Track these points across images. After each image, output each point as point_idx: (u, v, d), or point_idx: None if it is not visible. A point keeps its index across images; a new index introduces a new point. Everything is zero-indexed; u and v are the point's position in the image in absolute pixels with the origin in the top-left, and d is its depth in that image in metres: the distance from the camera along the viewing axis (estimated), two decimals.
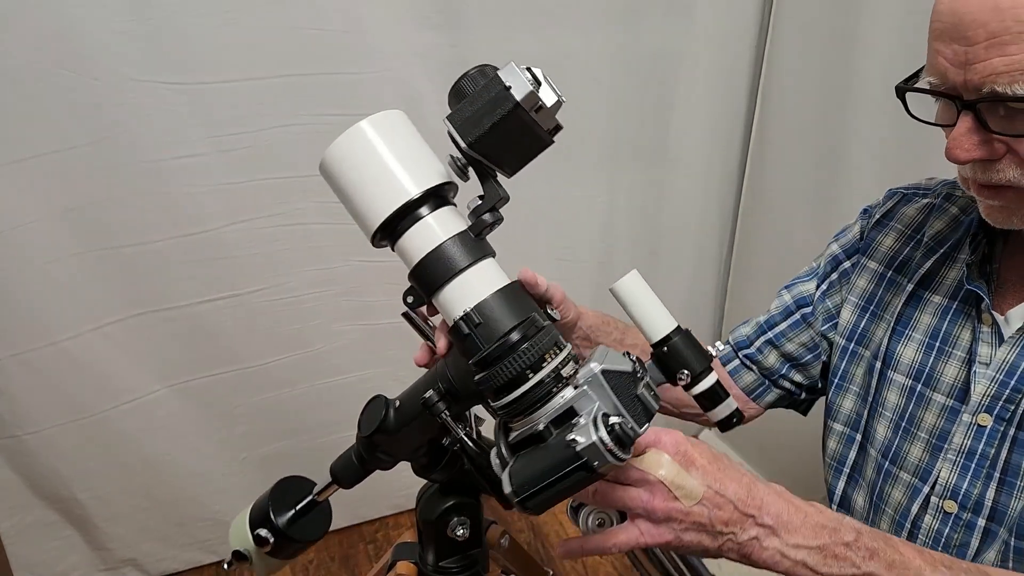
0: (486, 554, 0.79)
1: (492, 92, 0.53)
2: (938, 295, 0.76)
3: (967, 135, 0.59)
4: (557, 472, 0.44)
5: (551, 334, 0.52)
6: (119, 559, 1.62)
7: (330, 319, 1.56)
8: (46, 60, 1.17)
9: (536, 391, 0.49)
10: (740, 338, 0.94)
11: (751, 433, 1.91)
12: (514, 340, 0.50)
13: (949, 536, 0.73)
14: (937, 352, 0.75)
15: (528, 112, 0.53)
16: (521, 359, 0.50)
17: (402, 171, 0.58)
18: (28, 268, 1.29)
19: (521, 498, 0.45)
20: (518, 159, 0.57)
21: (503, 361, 0.50)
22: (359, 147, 0.59)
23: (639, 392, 0.50)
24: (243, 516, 0.76)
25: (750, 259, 1.88)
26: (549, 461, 0.45)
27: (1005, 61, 0.54)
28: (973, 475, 0.71)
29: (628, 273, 0.60)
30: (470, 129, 0.54)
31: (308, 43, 1.30)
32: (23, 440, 1.42)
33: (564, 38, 1.48)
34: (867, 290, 0.83)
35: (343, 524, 1.83)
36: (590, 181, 1.66)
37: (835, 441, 0.88)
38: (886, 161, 1.39)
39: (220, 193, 1.36)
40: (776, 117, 1.68)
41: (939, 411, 0.74)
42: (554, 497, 0.45)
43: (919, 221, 0.81)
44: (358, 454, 0.72)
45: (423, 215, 0.57)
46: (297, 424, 1.65)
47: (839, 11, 1.43)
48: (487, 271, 0.58)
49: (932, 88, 0.62)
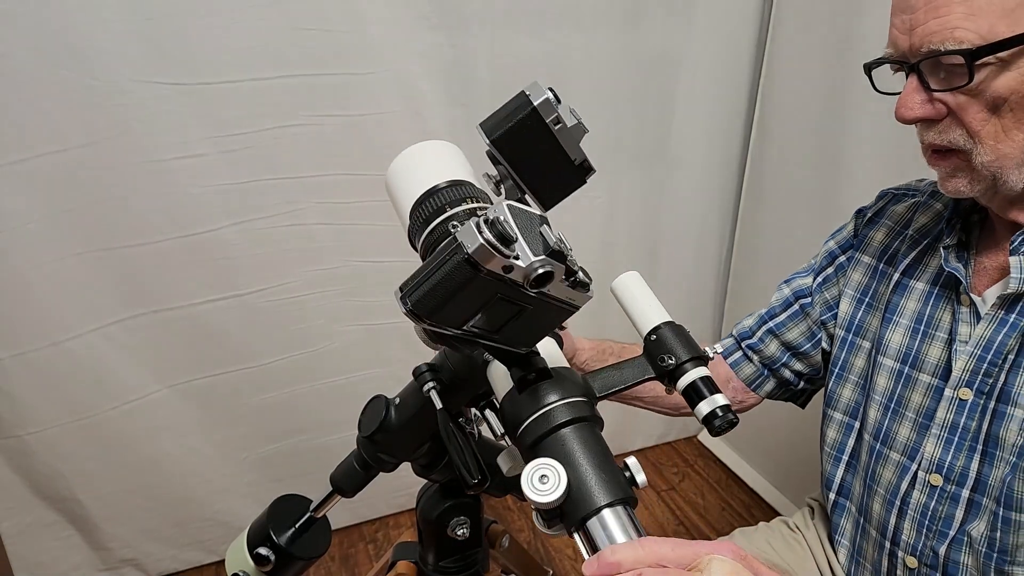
0: (486, 554, 0.79)
1: (516, 102, 0.55)
2: (921, 282, 0.81)
3: (911, 94, 0.66)
4: (439, 265, 0.43)
5: (479, 191, 0.56)
6: (119, 559, 1.62)
7: (330, 319, 1.56)
8: (46, 60, 1.17)
9: (448, 223, 0.53)
10: (743, 329, 0.99)
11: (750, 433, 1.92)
12: (441, 186, 0.54)
13: (935, 509, 0.77)
14: (922, 335, 0.79)
15: (546, 121, 0.54)
16: (441, 196, 0.54)
17: (442, 165, 0.62)
18: (28, 268, 1.30)
19: (406, 293, 0.43)
20: (547, 185, 0.59)
21: (428, 199, 0.54)
22: (416, 156, 0.64)
23: (541, 228, 0.49)
24: (240, 539, 0.75)
25: (750, 259, 1.89)
26: (436, 259, 0.43)
27: (939, 22, 0.61)
28: (956, 448, 0.74)
29: (628, 272, 0.61)
30: (494, 128, 0.56)
31: (309, 43, 1.30)
32: (24, 440, 1.42)
33: (564, 38, 1.48)
34: (861, 282, 0.88)
35: (343, 524, 1.83)
36: (590, 181, 1.65)
37: (834, 430, 0.91)
38: (886, 161, 1.39)
39: (220, 193, 1.36)
40: (776, 117, 1.69)
41: (925, 390, 0.78)
42: (437, 292, 0.43)
43: (907, 217, 0.86)
44: (359, 458, 0.72)
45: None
46: (298, 424, 1.65)
47: (839, 11, 1.43)
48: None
49: (887, 58, 0.69)
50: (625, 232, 1.78)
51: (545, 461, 0.46)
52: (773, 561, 0.99)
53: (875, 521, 0.84)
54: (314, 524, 0.75)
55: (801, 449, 1.77)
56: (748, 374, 0.98)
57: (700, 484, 2.02)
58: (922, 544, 0.78)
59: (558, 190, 0.59)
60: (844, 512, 0.91)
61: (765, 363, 0.97)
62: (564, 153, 0.57)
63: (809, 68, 1.54)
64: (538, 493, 0.45)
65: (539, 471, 0.46)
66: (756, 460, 1.98)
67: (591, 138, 0.58)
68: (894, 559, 0.81)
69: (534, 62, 1.47)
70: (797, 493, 1.82)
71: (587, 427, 0.51)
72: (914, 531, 0.79)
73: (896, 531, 0.80)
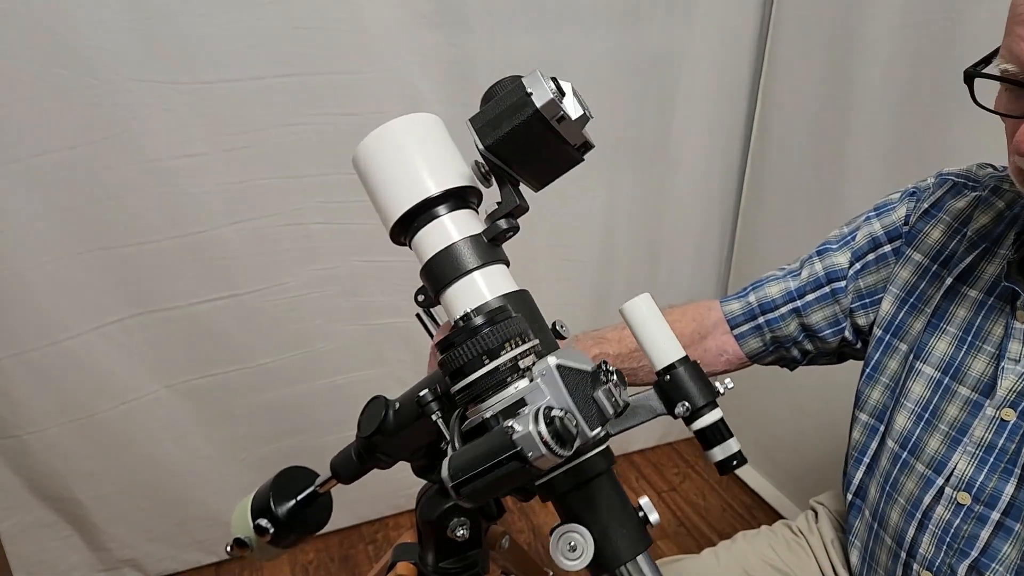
0: (486, 555, 0.79)
1: (514, 97, 0.52)
2: (975, 289, 0.75)
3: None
4: (491, 459, 0.42)
5: (519, 325, 0.51)
6: (118, 559, 1.62)
7: (330, 319, 1.56)
8: (45, 60, 1.17)
9: (490, 378, 0.48)
10: (765, 300, 0.90)
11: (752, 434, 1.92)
12: (477, 323, 0.49)
13: (959, 527, 0.74)
14: (968, 346, 0.75)
15: (549, 120, 0.52)
16: (480, 343, 0.48)
17: (425, 170, 0.59)
18: (28, 268, 1.29)
19: (455, 483, 0.44)
20: (542, 171, 0.57)
21: (464, 343, 0.49)
22: (388, 143, 0.60)
23: (596, 394, 0.49)
24: (245, 504, 0.77)
25: (750, 259, 1.88)
26: (485, 448, 0.43)
27: None
28: (991, 469, 0.71)
29: (640, 295, 0.58)
30: (489, 132, 0.54)
31: (309, 43, 1.30)
32: (23, 440, 1.42)
33: (564, 38, 1.48)
34: (910, 282, 0.82)
35: (343, 524, 1.83)
36: (590, 181, 1.66)
37: (859, 431, 0.88)
38: (886, 161, 1.39)
39: (220, 193, 1.36)
40: (776, 117, 1.68)
41: (962, 404, 0.74)
42: (488, 486, 0.43)
43: (966, 214, 0.79)
44: (358, 452, 0.72)
45: (440, 214, 0.58)
46: (297, 424, 1.64)
47: (839, 11, 1.43)
48: (495, 276, 0.58)
49: (1005, 75, 0.59)
50: (625, 232, 1.78)
51: (572, 528, 0.51)
52: (775, 565, 0.99)
53: (892, 530, 0.82)
54: (316, 499, 0.76)
55: (803, 451, 1.77)
56: (752, 348, 0.92)
57: (701, 485, 2.01)
58: (940, 560, 0.76)
59: (554, 172, 0.58)
60: (859, 514, 0.89)
61: (777, 340, 0.91)
62: (565, 142, 0.54)
63: (809, 68, 1.54)
64: (568, 561, 0.50)
65: (567, 540, 0.51)
66: (758, 461, 1.97)
67: (591, 137, 0.57)
68: (909, 570, 0.79)
69: (534, 61, 1.46)
70: (799, 495, 1.82)
71: (608, 476, 0.53)
72: (933, 546, 0.76)
73: (914, 544, 0.78)
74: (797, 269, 0.91)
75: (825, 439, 1.65)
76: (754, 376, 1.08)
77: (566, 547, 0.51)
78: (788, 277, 0.90)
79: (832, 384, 1.35)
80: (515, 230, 0.58)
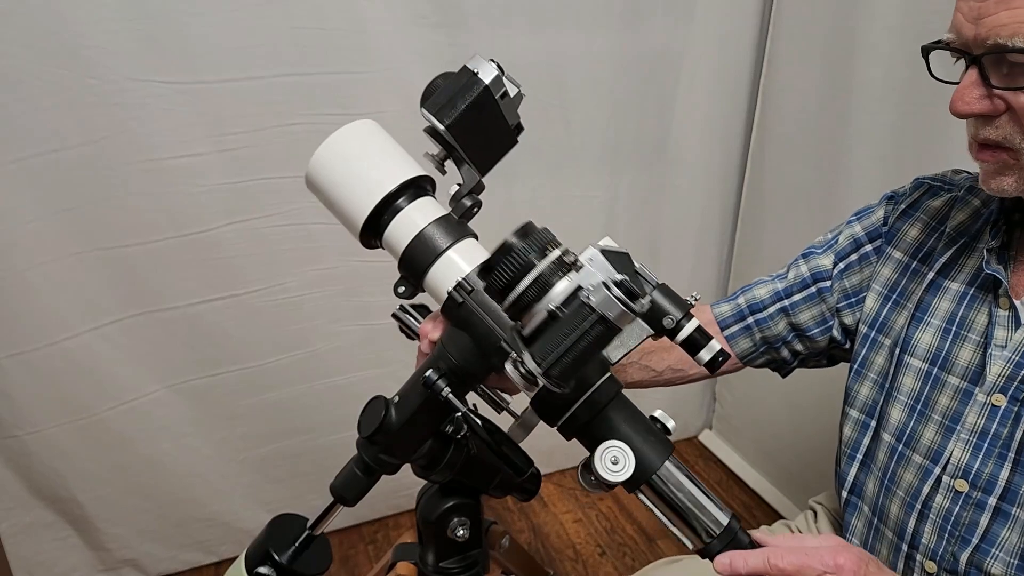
0: (486, 555, 0.79)
1: (463, 79, 0.58)
2: (956, 282, 0.78)
3: (970, 88, 0.62)
4: (576, 331, 0.46)
5: (548, 233, 0.53)
6: (118, 559, 1.62)
7: (330, 319, 1.56)
8: (44, 59, 1.17)
9: (541, 279, 0.50)
10: (754, 301, 0.94)
11: (752, 434, 1.92)
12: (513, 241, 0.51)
13: (959, 515, 0.75)
14: (953, 336, 0.77)
15: (495, 97, 0.57)
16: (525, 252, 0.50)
17: (377, 170, 0.63)
18: (27, 268, 1.29)
19: (547, 368, 0.46)
20: (487, 155, 0.61)
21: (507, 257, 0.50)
22: (335, 157, 0.64)
23: (638, 267, 0.55)
24: (238, 564, 0.72)
25: (750, 259, 1.88)
26: (567, 326, 0.46)
27: (1009, 14, 0.57)
28: (985, 455, 0.73)
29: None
30: (447, 112, 0.58)
31: (308, 43, 1.30)
32: (22, 440, 1.42)
33: (564, 38, 1.48)
34: (891, 279, 0.85)
35: (343, 524, 1.83)
36: (590, 181, 1.66)
37: (850, 428, 0.89)
38: (886, 161, 1.39)
39: (220, 193, 1.36)
40: (776, 117, 1.68)
41: (953, 393, 0.76)
42: (575, 360, 0.46)
43: (943, 213, 0.83)
44: (360, 463, 0.70)
45: (402, 206, 0.62)
46: (297, 424, 1.64)
47: (839, 11, 1.43)
48: (470, 249, 0.62)
49: (947, 44, 0.64)
50: (625, 232, 1.78)
51: (611, 444, 0.56)
52: None
53: (892, 523, 0.82)
54: (313, 541, 0.73)
55: (802, 450, 1.77)
56: (743, 349, 0.95)
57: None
58: (943, 549, 0.76)
59: (495, 155, 0.62)
60: (856, 511, 0.89)
61: (767, 340, 0.94)
62: (505, 121, 0.60)
63: (809, 68, 1.54)
64: (613, 473, 0.55)
65: (610, 454, 0.56)
66: (757, 461, 1.97)
67: (591, 138, 0.59)
68: (911, 562, 0.80)
69: (533, 61, 1.47)
70: (798, 494, 1.82)
71: (620, 398, 0.60)
72: (935, 536, 0.77)
73: (915, 535, 0.79)
74: (784, 272, 0.94)
75: (824, 439, 1.64)
76: (754, 377, 1.08)
77: (609, 462, 0.55)
78: (775, 279, 0.94)
79: (831, 384, 1.34)
80: (479, 205, 0.62)
